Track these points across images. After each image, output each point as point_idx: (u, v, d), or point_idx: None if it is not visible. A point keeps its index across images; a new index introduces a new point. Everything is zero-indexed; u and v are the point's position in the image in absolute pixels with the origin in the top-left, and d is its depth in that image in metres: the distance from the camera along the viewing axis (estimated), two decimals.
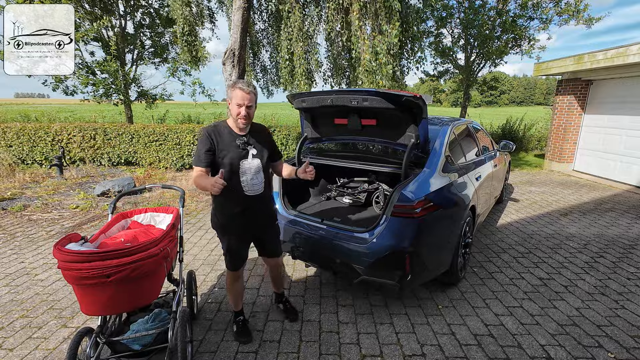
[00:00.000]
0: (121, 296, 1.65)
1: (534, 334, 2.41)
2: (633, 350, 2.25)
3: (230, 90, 2.04)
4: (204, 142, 2.02)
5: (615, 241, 4.12)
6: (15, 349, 2.23)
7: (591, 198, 6.09)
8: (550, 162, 8.81)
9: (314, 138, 3.34)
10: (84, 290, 1.60)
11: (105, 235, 2.03)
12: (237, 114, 2.02)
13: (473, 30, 10.31)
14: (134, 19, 10.27)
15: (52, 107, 31.25)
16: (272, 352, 2.22)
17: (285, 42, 6.51)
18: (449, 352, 2.22)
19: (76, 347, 1.67)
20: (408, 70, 7.93)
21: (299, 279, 3.18)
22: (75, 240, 1.76)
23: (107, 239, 1.99)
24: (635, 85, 6.71)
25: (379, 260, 2.34)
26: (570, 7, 9.54)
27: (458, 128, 3.47)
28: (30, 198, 5.51)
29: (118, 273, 1.57)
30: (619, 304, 2.79)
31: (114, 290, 1.61)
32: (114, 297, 1.63)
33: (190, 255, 3.65)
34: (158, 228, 2.29)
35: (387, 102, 2.47)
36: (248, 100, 2.00)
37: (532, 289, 3.02)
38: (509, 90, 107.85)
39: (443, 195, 2.61)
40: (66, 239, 1.70)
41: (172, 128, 8.03)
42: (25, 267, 3.33)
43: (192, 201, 5.57)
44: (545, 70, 8.48)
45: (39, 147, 7.93)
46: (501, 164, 4.72)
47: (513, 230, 4.44)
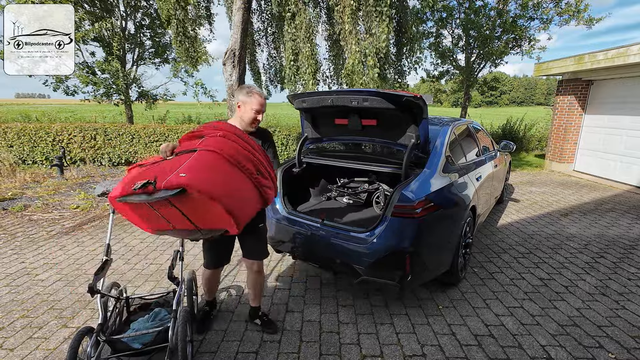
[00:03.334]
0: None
1: (535, 335, 2.40)
2: (634, 350, 2.25)
3: (245, 95, 2.04)
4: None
5: (616, 241, 4.11)
6: (15, 349, 2.23)
7: (592, 198, 6.08)
8: (551, 163, 8.81)
9: (315, 138, 3.34)
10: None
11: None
12: (253, 119, 2.07)
13: (473, 31, 10.31)
14: (135, 20, 10.29)
15: (53, 108, 31.27)
16: (273, 352, 2.22)
17: (289, 43, 6.50)
18: (449, 353, 2.22)
19: (77, 346, 1.67)
20: (409, 71, 7.94)
21: (299, 279, 3.18)
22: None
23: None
24: (636, 86, 6.70)
25: (380, 261, 2.34)
26: (570, 8, 9.54)
27: (458, 128, 3.47)
28: (30, 198, 5.51)
29: None
30: (620, 305, 2.78)
31: None
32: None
33: (191, 255, 3.65)
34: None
35: (388, 102, 2.47)
36: (264, 106, 2.06)
37: (532, 289, 3.02)
38: (509, 90, 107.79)
39: (443, 195, 2.61)
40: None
41: (172, 128, 8.04)
42: (25, 267, 3.33)
43: None
44: (545, 70, 8.48)
45: (40, 147, 7.94)
46: (501, 164, 4.72)
47: (513, 231, 4.44)
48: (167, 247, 3.83)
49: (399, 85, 7.77)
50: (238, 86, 5.93)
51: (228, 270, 3.30)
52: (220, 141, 1.69)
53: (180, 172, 1.49)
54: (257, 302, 2.44)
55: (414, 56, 7.86)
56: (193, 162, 1.57)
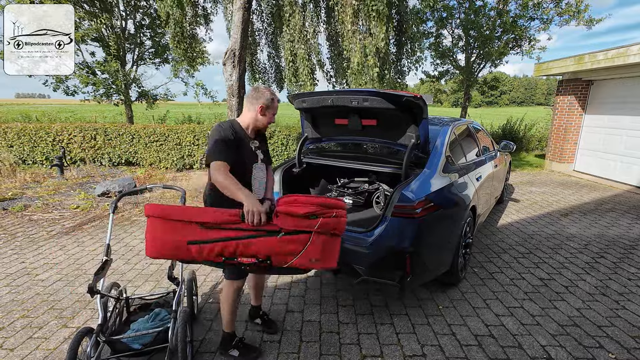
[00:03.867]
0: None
1: (535, 335, 2.40)
2: (634, 350, 2.25)
3: (268, 100, 1.99)
4: (227, 134, 1.87)
5: (616, 242, 4.11)
6: (15, 349, 2.23)
7: (592, 198, 6.08)
8: (551, 163, 8.81)
9: (315, 138, 3.34)
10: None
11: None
12: (268, 123, 2.05)
13: (473, 31, 10.30)
14: (134, 19, 10.29)
15: (53, 108, 31.27)
16: (273, 352, 2.22)
17: (288, 44, 6.51)
18: (449, 353, 2.22)
19: (77, 346, 1.67)
20: (409, 71, 7.94)
21: (299, 279, 3.18)
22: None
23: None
24: (636, 86, 6.70)
25: (380, 261, 2.34)
26: (570, 8, 9.53)
27: (458, 128, 3.47)
28: (31, 198, 5.51)
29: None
30: (620, 305, 2.78)
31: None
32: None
33: None
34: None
35: (388, 102, 2.47)
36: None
37: (532, 289, 3.02)
38: (509, 90, 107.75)
39: (443, 195, 2.60)
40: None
41: (172, 128, 8.03)
42: (25, 267, 3.33)
43: (192, 201, 5.57)
44: (545, 70, 8.48)
45: (40, 147, 7.94)
46: (502, 164, 4.72)
47: (513, 231, 4.44)
48: None
49: (398, 85, 7.77)
50: (238, 85, 5.94)
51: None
52: (341, 222, 1.67)
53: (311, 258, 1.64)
54: (258, 302, 2.45)
55: (414, 56, 7.87)
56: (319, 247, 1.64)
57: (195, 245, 1.59)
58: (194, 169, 8.05)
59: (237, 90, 5.98)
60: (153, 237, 1.62)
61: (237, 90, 5.98)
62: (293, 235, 1.61)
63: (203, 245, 1.59)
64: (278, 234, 1.61)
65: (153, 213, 1.61)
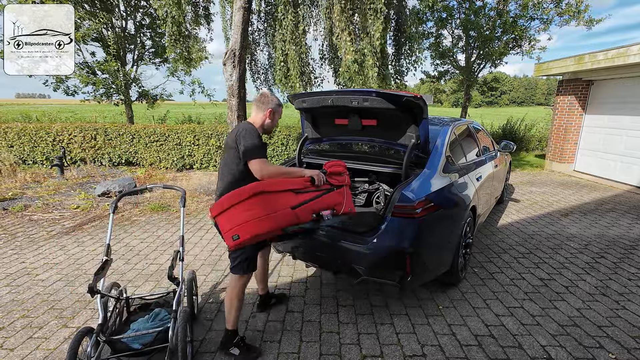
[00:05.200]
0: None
1: (535, 335, 2.40)
2: (634, 350, 2.25)
3: (276, 105, 2.21)
4: (259, 135, 2.10)
5: (616, 242, 4.11)
6: (16, 349, 2.23)
7: (592, 198, 6.08)
8: (551, 163, 8.81)
9: (315, 138, 3.34)
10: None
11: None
12: (273, 126, 2.26)
13: (473, 31, 10.30)
14: (135, 19, 10.29)
15: (53, 108, 31.30)
16: (273, 352, 2.22)
17: (280, 44, 6.50)
18: (449, 353, 2.22)
19: (77, 346, 1.67)
20: (407, 71, 7.93)
21: (299, 279, 3.18)
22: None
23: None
24: (636, 86, 6.70)
25: (380, 261, 2.34)
26: (570, 8, 9.53)
27: (459, 128, 3.47)
28: (31, 198, 5.51)
29: None
30: (620, 305, 2.78)
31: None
32: None
33: (191, 255, 3.65)
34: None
35: (388, 102, 2.47)
36: None
37: (532, 289, 3.02)
38: (509, 90, 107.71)
39: (443, 195, 2.60)
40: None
41: (172, 128, 8.03)
42: (26, 267, 3.33)
43: (192, 202, 5.57)
44: (545, 70, 8.48)
45: (40, 147, 7.94)
46: (502, 164, 4.72)
47: (514, 231, 4.44)
48: (167, 247, 3.83)
49: (397, 85, 7.76)
50: (238, 86, 5.94)
51: (224, 266, 3.29)
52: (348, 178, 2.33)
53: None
54: (265, 290, 2.67)
55: (413, 56, 7.85)
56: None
57: (298, 209, 1.94)
58: (194, 169, 8.06)
59: (237, 90, 5.98)
60: (256, 215, 1.80)
61: (237, 90, 5.98)
62: (337, 189, 2.18)
63: (302, 206, 1.97)
64: (334, 189, 2.17)
65: (255, 190, 1.84)
